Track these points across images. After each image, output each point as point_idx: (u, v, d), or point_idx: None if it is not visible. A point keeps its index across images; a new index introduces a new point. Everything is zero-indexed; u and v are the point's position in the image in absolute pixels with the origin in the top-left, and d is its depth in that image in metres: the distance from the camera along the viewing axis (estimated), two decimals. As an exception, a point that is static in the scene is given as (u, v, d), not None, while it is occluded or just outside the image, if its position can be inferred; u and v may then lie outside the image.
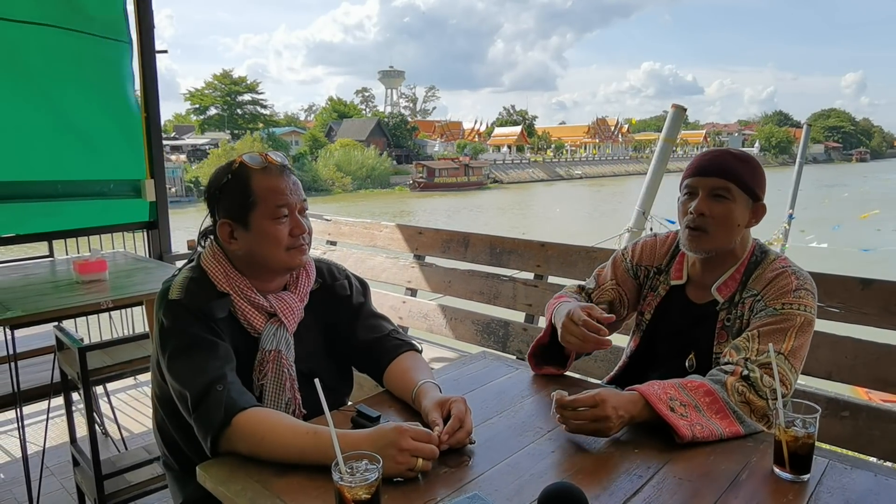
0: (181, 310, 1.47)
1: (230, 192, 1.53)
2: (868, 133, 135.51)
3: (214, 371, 1.40)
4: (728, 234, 1.65)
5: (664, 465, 1.29)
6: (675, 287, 1.80)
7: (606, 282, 1.92)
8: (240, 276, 1.56)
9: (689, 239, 1.68)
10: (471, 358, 1.99)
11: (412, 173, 58.79)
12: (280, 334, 1.58)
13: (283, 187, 1.53)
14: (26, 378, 2.88)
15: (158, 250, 4.33)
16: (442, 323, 3.51)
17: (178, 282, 1.53)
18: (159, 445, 1.73)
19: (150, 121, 4.21)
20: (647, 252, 1.88)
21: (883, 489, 1.20)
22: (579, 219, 34.05)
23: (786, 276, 1.60)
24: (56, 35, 3.66)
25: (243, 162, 1.53)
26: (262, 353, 1.56)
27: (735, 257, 1.70)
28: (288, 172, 1.57)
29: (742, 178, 1.64)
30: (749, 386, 1.45)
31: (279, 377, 1.57)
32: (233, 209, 1.53)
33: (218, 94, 65.39)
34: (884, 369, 2.13)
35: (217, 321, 1.49)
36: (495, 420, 1.52)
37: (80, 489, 2.81)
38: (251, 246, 1.54)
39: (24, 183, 3.66)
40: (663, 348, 1.82)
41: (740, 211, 1.65)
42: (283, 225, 1.53)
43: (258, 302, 1.56)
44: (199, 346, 1.44)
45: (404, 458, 1.21)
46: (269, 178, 1.53)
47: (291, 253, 1.55)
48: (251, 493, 1.20)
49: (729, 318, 1.67)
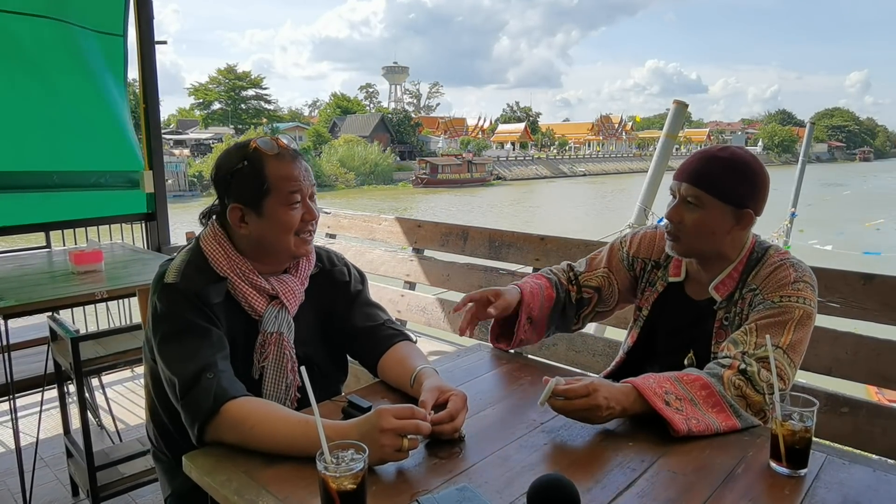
0: (176, 294, 1.46)
1: (243, 177, 1.51)
2: (872, 132, 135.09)
3: (205, 358, 1.38)
4: (702, 241, 1.62)
5: (658, 458, 1.27)
6: (674, 283, 1.77)
7: (599, 268, 1.89)
8: (242, 258, 1.55)
9: (667, 241, 1.68)
10: (466, 350, 1.96)
11: (415, 169, 58.69)
12: (281, 316, 1.58)
13: (296, 174, 1.53)
14: (20, 369, 2.87)
15: (157, 242, 4.31)
16: (440, 317, 3.48)
17: (175, 265, 1.52)
18: (150, 435, 1.71)
19: (149, 112, 4.19)
20: (645, 244, 1.85)
21: (882, 485, 1.18)
22: (581, 216, 34.01)
23: (784, 269, 1.56)
24: (52, 26, 3.65)
25: (258, 147, 1.51)
26: (263, 336, 1.56)
27: (728, 259, 1.65)
28: (300, 158, 1.56)
29: (719, 185, 1.58)
30: (746, 380, 1.42)
31: (280, 359, 1.57)
32: (246, 195, 1.52)
33: (222, 88, 65.39)
34: (884, 365, 2.11)
35: (213, 306, 1.48)
36: (488, 411, 1.49)
37: (73, 480, 2.81)
38: (262, 231, 1.53)
39: (19, 173, 3.64)
40: (661, 345, 1.79)
41: (714, 219, 1.59)
42: (295, 211, 1.53)
43: (260, 284, 1.55)
44: (192, 332, 1.42)
45: (388, 438, 1.18)
46: (282, 164, 1.52)
47: (299, 241, 1.55)
48: (237, 483, 1.18)
49: (728, 316, 1.64)
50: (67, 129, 3.79)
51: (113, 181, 4.06)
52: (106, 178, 4.02)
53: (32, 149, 3.67)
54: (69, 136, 3.80)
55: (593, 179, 70.06)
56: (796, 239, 8.74)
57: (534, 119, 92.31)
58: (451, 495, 1.09)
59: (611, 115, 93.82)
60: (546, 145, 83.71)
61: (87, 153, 3.89)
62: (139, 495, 2.77)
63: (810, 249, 13.37)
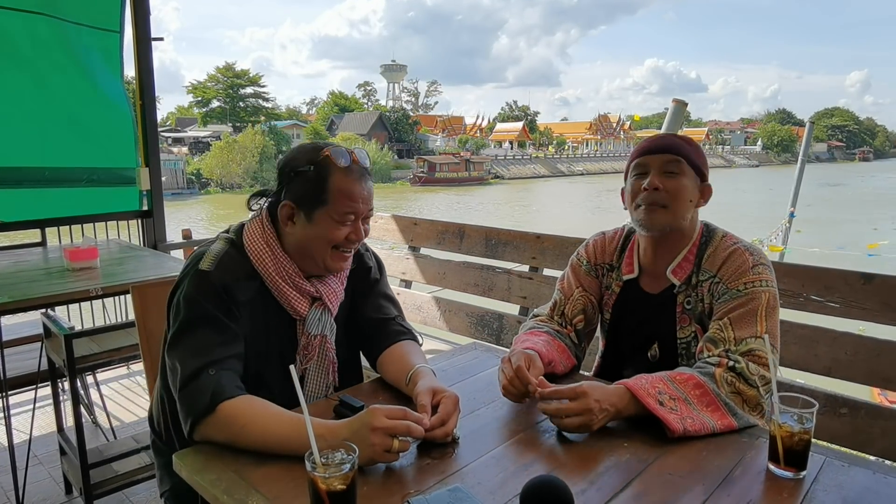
0: (206, 281, 1.43)
1: (306, 180, 1.48)
2: (872, 132, 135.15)
3: (213, 354, 1.36)
4: (683, 208, 1.64)
5: (655, 459, 1.25)
6: (629, 282, 1.77)
7: (573, 291, 1.85)
8: (288, 259, 1.53)
9: (647, 214, 1.64)
10: (461, 349, 1.95)
11: (413, 168, 58.62)
12: (325, 319, 1.59)
13: (357, 194, 1.49)
14: (14, 366, 2.85)
15: (153, 239, 4.28)
16: (436, 315, 3.47)
17: (213, 252, 1.49)
18: (155, 425, 1.66)
19: (146, 109, 4.17)
20: (598, 250, 1.85)
21: (881, 487, 1.16)
22: (579, 215, 33.99)
23: (740, 254, 1.58)
24: (46, 23, 3.63)
25: (329, 157, 1.47)
26: (307, 338, 1.56)
27: (686, 238, 1.68)
28: (367, 178, 1.53)
29: (690, 155, 1.65)
30: (737, 376, 1.42)
31: (323, 361, 1.59)
32: (302, 197, 1.49)
33: (220, 86, 65.25)
34: (884, 365, 2.09)
35: (239, 303, 1.45)
36: (482, 411, 1.48)
37: (66, 478, 2.79)
38: (306, 236, 1.50)
39: (14, 169, 3.62)
40: (626, 344, 1.79)
41: (691, 187, 1.65)
42: (345, 228, 1.50)
43: (304, 287, 1.54)
44: (208, 325, 1.40)
45: (378, 437, 1.16)
46: (348, 180, 1.48)
47: (336, 255, 1.53)
48: (226, 483, 1.16)
49: (689, 300, 1.65)
50: (61, 125, 3.77)
51: (108, 178, 4.04)
52: (100, 174, 4.00)
53: (27, 145, 3.65)
54: (62, 133, 3.78)
55: (591, 179, 69.99)
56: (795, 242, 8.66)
57: (532, 118, 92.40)
58: (443, 496, 1.07)
59: (609, 115, 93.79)
60: (544, 144, 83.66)
61: (80, 150, 3.87)
62: (133, 493, 2.75)
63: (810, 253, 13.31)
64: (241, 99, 66.04)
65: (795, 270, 2.30)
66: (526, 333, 1.78)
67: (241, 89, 65.99)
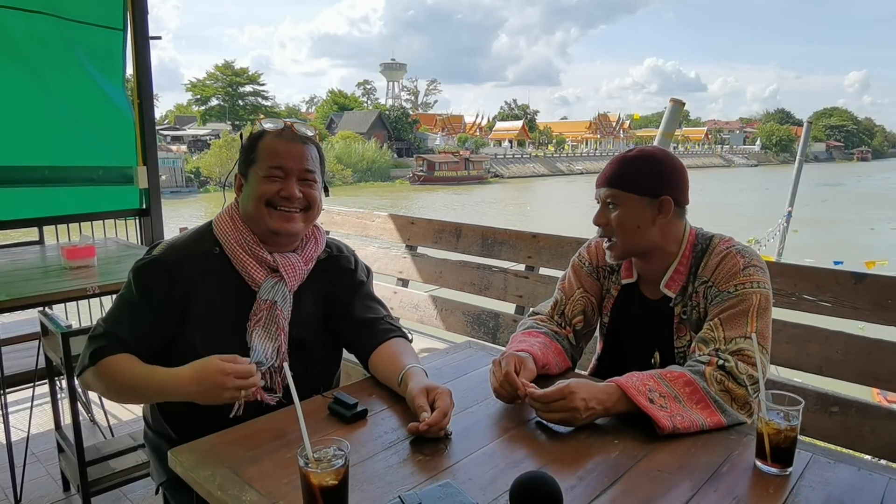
0: (148, 266, 1.58)
1: (244, 149, 1.63)
2: (870, 132, 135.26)
3: (120, 331, 1.53)
4: (632, 237, 1.64)
5: (644, 456, 1.27)
6: (628, 285, 1.78)
7: (574, 291, 1.86)
8: (248, 230, 1.61)
9: (605, 248, 1.71)
10: (455, 347, 1.96)
11: (413, 166, 58.60)
12: (278, 288, 1.62)
13: (284, 150, 1.58)
14: (11, 364, 2.87)
15: (151, 238, 4.28)
16: (433, 314, 3.48)
17: (172, 239, 1.63)
18: (150, 419, 1.74)
19: (143, 107, 4.16)
20: (600, 251, 1.83)
21: (866, 484, 1.18)
22: (578, 213, 34.02)
23: (731, 257, 1.58)
24: (46, 21, 3.62)
25: (262, 125, 1.62)
26: (257, 303, 1.60)
27: (668, 253, 1.66)
28: (304, 142, 1.61)
29: (627, 180, 1.64)
30: (726, 374, 1.43)
31: (270, 323, 1.61)
32: (241, 163, 1.64)
33: (219, 84, 65.26)
34: (875, 364, 2.10)
35: (188, 278, 1.56)
36: (475, 409, 1.49)
37: (64, 476, 2.81)
38: (245, 198, 1.60)
39: (12, 168, 3.62)
40: (629, 348, 1.80)
41: (634, 212, 1.63)
42: (272, 183, 1.57)
43: (262, 256, 1.60)
44: (130, 308, 1.56)
45: (231, 381, 1.37)
46: (276, 141, 1.59)
47: (276, 215, 1.58)
48: (220, 479, 1.18)
49: (685, 310, 1.65)
50: (60, 124, 3.76)
51: (107, 177, 4.04)
52: (99, 173, 3.99)
53: (26, 144, 3.65)
54: (62, 132, 3.77)
55: (591, 178, 69.63)
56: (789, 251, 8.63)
57: (532, 117, 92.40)
58: (434, 492, 1.08)
59: (608, 114, 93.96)
60: (543, 143, 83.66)
61: (80, 148, 3.87)
62: (130, 490, 2.77)
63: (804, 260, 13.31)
64: (241, 97, 66.06)
65: (788, 270, 2.31)
66: (523, 333, 1.80)
67: (240, 87, 66.02)
